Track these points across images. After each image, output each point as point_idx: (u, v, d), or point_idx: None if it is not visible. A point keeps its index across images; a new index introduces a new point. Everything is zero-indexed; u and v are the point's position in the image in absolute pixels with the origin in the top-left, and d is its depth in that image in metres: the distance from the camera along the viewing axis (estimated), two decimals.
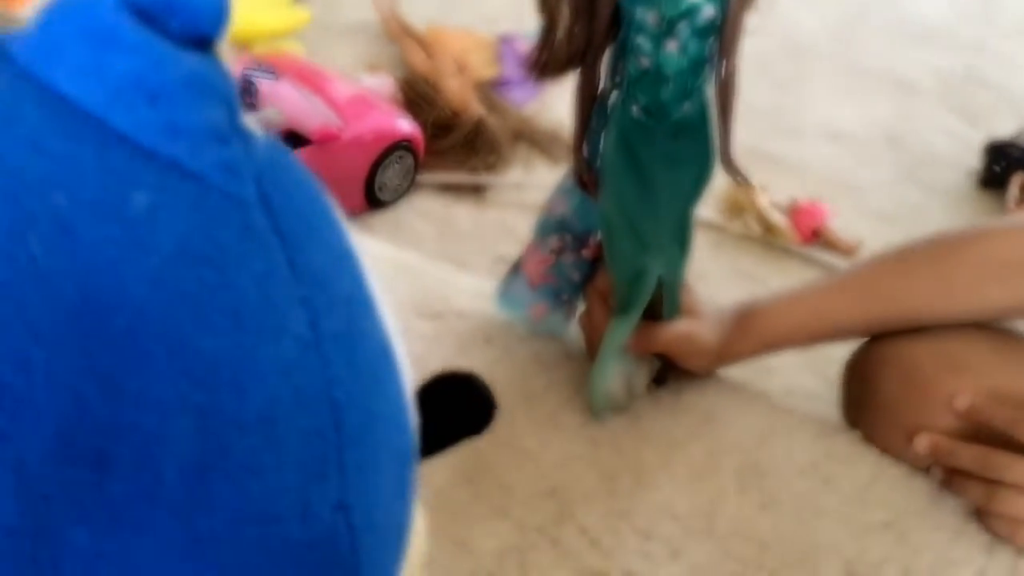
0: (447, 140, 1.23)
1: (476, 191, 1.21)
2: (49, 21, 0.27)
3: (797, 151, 1.32)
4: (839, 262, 1.15)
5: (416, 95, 1.28)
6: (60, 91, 0.26)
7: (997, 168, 1.29)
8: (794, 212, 1.19)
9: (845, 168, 1.31)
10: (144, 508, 0.25)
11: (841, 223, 1.19)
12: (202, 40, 0.27)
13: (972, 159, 1.32)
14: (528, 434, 0.67)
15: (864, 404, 0.73)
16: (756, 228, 1.18)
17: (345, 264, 0.32)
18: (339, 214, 0.33)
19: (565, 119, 1.31)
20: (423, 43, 1.36)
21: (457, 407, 0.45)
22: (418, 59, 1.34)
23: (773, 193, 1.20)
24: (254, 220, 0.28)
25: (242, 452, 0.27)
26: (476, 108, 1.26)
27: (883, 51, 1.54)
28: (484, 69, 1.36)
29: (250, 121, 0.29)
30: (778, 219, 1.18)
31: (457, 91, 1.28)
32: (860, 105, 1.42)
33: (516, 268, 0.74)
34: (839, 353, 0.80)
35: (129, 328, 0.25)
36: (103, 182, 0.25)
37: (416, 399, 0.41)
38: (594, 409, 0.69)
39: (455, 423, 0.45)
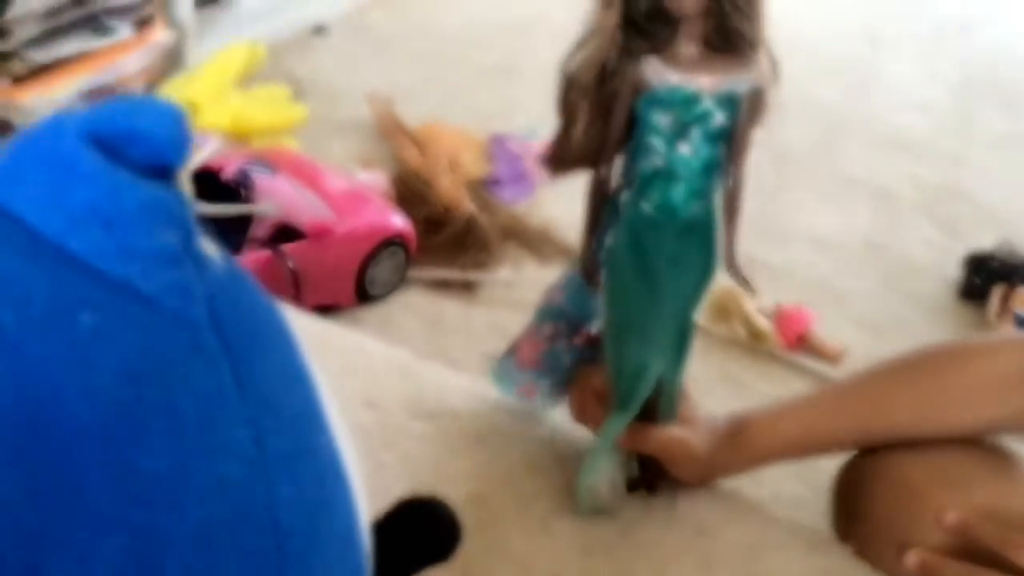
0: (438, 236, 1.25)
1: (466, 288, 1.22)
2: (14, 150, 0.28)
3: (781, 257, 1.34)
4: (824, 368, 1.16)
5: (409, 191, 1.30)
6: (20, 216, 0.27)
7: (977, 280, 1.32)
8: (779, 318, 1.20)
9: (828, 275, 1.33)
10: None
11: (825, 329, 1.21)
12: (163, 168, 0.28)
13: (952, 269, 1.35)
14: (519, 540, 0.66)
15: (855, 518, 0.73)
16: (742, 332, 1.20)
17: (296, 383, 0.32)
18: (293, 334, 0.33)
19: (555, 218, 1.33)
20: (416, 141, 1.38)
21: (421, 534, 0.45)
22: (411, 156, 1.36)
23: (758, 298, 1.21)
24: (203, 340, 0.28)
25: (177, 570, 0.26)
26: (467, 205, 1.28)
27: (865, 161, 1.58)
28: (475, 167, 1.38)
29: (206, 245, 0.30)
30: (764, 324, 1.19)
31: (449, 188, 1.30)
32: (842, 213, 1.45)
33: (512, 349, 0.75)
34: (826, 462, 0.80)
35: (66, 445, 0.25)
36: (52, 302, 0.26)
37: (381, 525, 0.41)
38: (580, 507, 0.69)
39: (419, 550, 0.45)
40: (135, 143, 0.28)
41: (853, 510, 0.74)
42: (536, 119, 1.51)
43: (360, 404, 0.75)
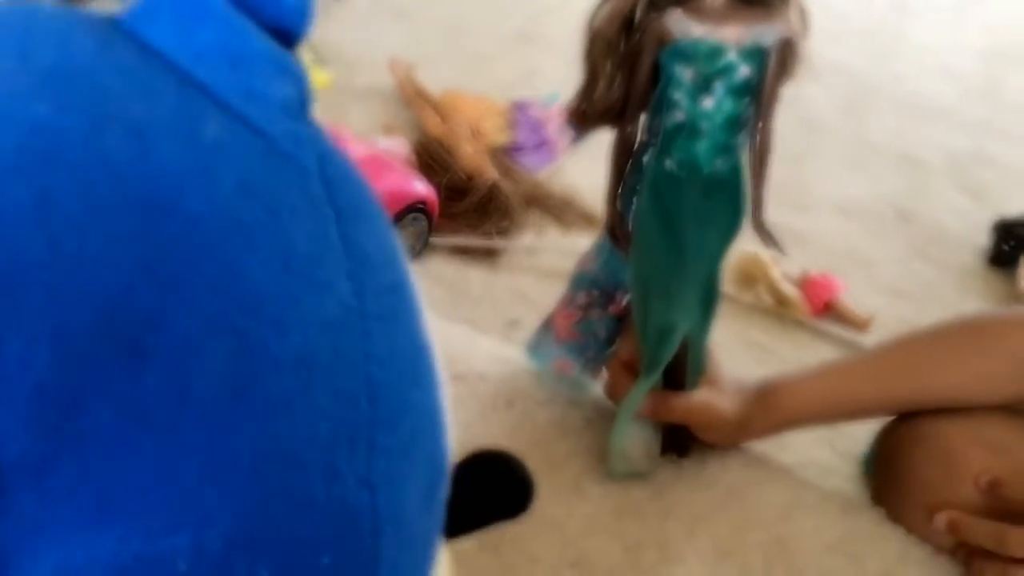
0: (461, 204, 1.24)
1: (489, 255, 1.21)
2: None
3: (808, 224, 1.33)
4: (851, 335, 1.15)
5: (430, 158, 1.28)
6: (153, 45, 0.28)
7: (1006, 247, 1.30)
8: (806, 284, 1.19)
9: (855, 242, 1.31)
10: (171, 411, 0.25)
11: (851, 296, 1.19)
12: (287, 35, 0.30)
13: (981, 237, 1.33)
14: (552, 501, 0.66)
15: (892, 481, 0.73)
16: (768, 299, 1.18)
17: (392, 259, 0.33)
18: (391, 224, 0.35)
19: (577, 184, 1.32)
20: (438, 108, 1.37)
21: (494, 488, 0.45)
22: (433, 123, 1.35)
23: (784, 265, 1.20)
24: (313, 188, 0.29)
25: (274, 388, 0.27)
26: (490, 172, 1.27)
27: (892, 128, 1.56)
28: (498, 134, 1.36)
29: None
30: (790, 291, 1.17)
31: (471, 155, 1.29)
32: (870, 180, 1.43)
33: (547, 323, 0.74)
34: (854, 428, 0.79)
35: (184, 234, 0.26)
36: (179, 110, 0.27)
37: (452, 475, 0.40)
38: (612, 471, 0.68)
39: (491, 504, 0.45)
40: (267, 3, 0.30)
41: (890, 474, 0.73)
42: (558, 86, 1.50)
43: None
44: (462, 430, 0.74)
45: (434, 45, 1.59)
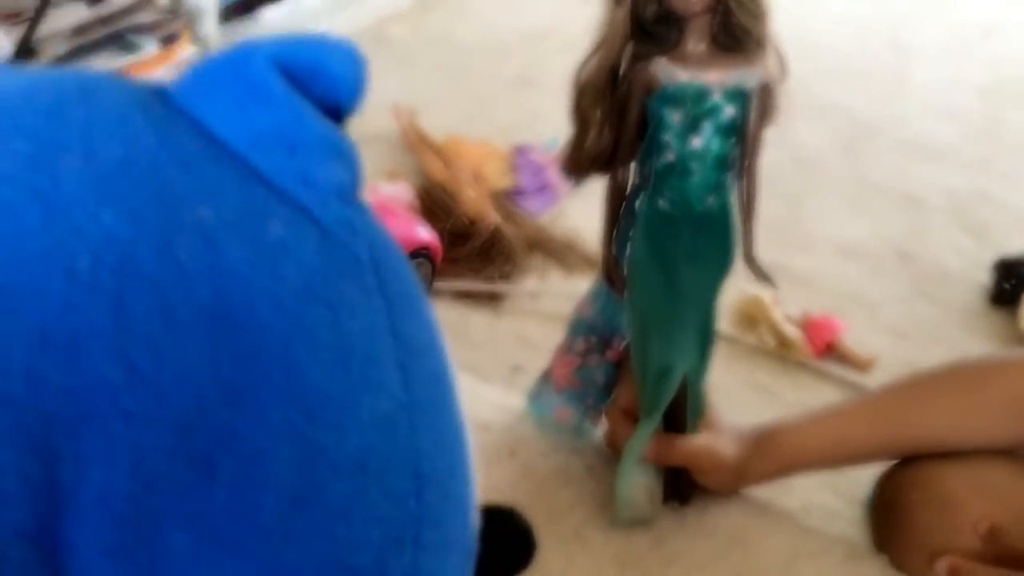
0: (464, 248, 1.25)
1: (492, 299, 1.22)
2: (205, 69, 0.29)
3: (808, 265, 1.33)
4: (853, 376, 1.15)
5: (434, 203, 1.30)
6: (209, 127, 0.28)
7: (1007, 285, 1.30)
8: (807, 325, 1.19)
9: (856, 283, 1.32)
10: (241, 527, 0.25)
11: (854, 337, 1.19)
12: (337, 109, 0.30)
13: (982, 276, 1.33)
14: (553, 551, 0.66)
15: (892, 527, 0.73)
16: (770, 341, 1.19)
17: (435, 344, 0.33)
18: (430, 308, 0.35)
19: (580, 228, 1.33)
20: (441, 153, 1.39)
21: (496, 543, 0.45)
22: (436, 168, 1.37)
23: (785, 306, 1.20)
24: (366, 278, 0.29)
25: (335, 493, 0.27)
26: (492, 217, 1.28)
27: (892, 167, 1.57)
28: (500, 179, 1.38)
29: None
30: (792, 332, 1.18)
31: (474, 200, 1.30)
32: (870, 220, 1.44)
33: (548, 372, 0.75)
34: (858, 472, 0.79)
35: (253, 344, 0.25)
36: (244, 207, 0.27)
37: None
38: (617, 518, 0.68)
39: (493, 559, 0.45)
40: (319, 79, 0.29)
41: (890, 520, 0.73)
42: (558, 129, 1.52)
43: None
44: None
45: (436, 90, 1.61)
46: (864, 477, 0.80)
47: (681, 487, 0.71)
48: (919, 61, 1.93)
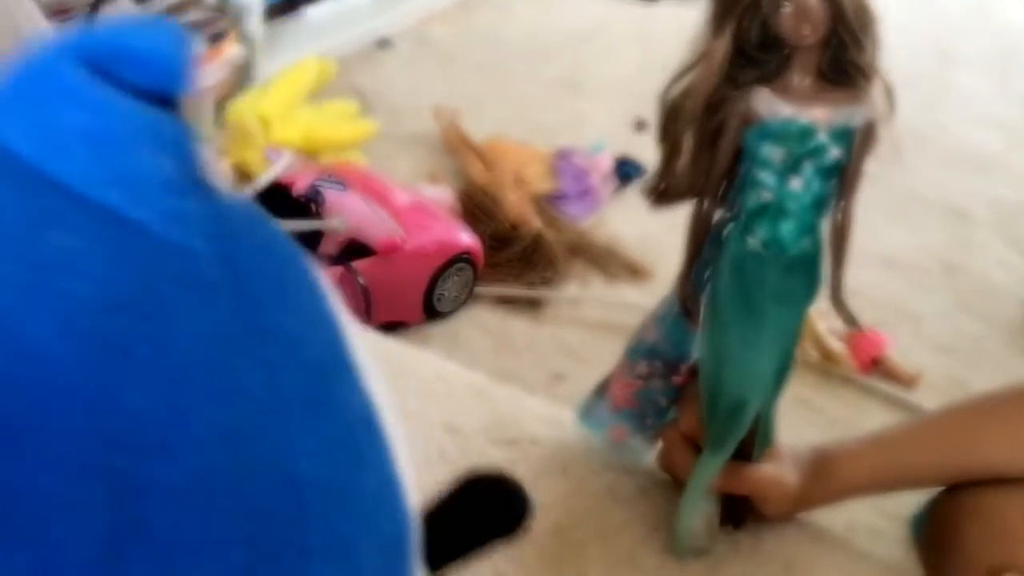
0: (505, 253, 1.24)
1: (532, 305, 1.22)
2: (5, 83, 0.27)
3: (852, 277, 1.31)
4: (899, 393, 1.14)
5: (475, 207, 1.29)
6: (4, 145, 0.25)
7: None
8: (852, 340, 1.18)
9: (901, 296, 1.30)
10: None
11: (898, 352, 1.18)
12: (164, 94, 0.27)
13: None
14: (604, 574, 0.65)
15: (946, 554, 0.71)
16: (814, 355, 1.17)
17: (321, 330, 0.30)
18: (326, 284, 0.31)
19: (621, 234, 1.32)
20: (482, 155, 1.38)
21: (487, 509, 0.42)
22: (477, 171, 1.36)
23: (830, 319, 1.19)
24: (203, 272, 0.26)
25: (167, 526, 0.23)
26: (534, 221, 1.27)
27: (937, 179, 1.55)
28: (541, 183, 1.37)
29: (215, 178, 0.28)
30: (836, 346, 1.17)
31: (516, 204, 1.29)
32: (915, 232, 1.42)
33: (602, 388, 0.74)
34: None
35: (32, 377, 0.23)
36: (17, 223, 0.24)
37: (444, 502, 0.38)
38: (678, 548, 0.67)
39: (484, 525, 0.42)
40: (131, 64, 0.26)
41: (944, 546, 0.72)
42: (601, 133, 1.51)
43: (441, 429, 0.74)
44: None
45: (478, 91, 1.60)
46: (906, 496, 0.79)
47: (736, 513, 0.70)
48: (965, 69, 1.91)
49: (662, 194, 0.61)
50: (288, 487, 0.26)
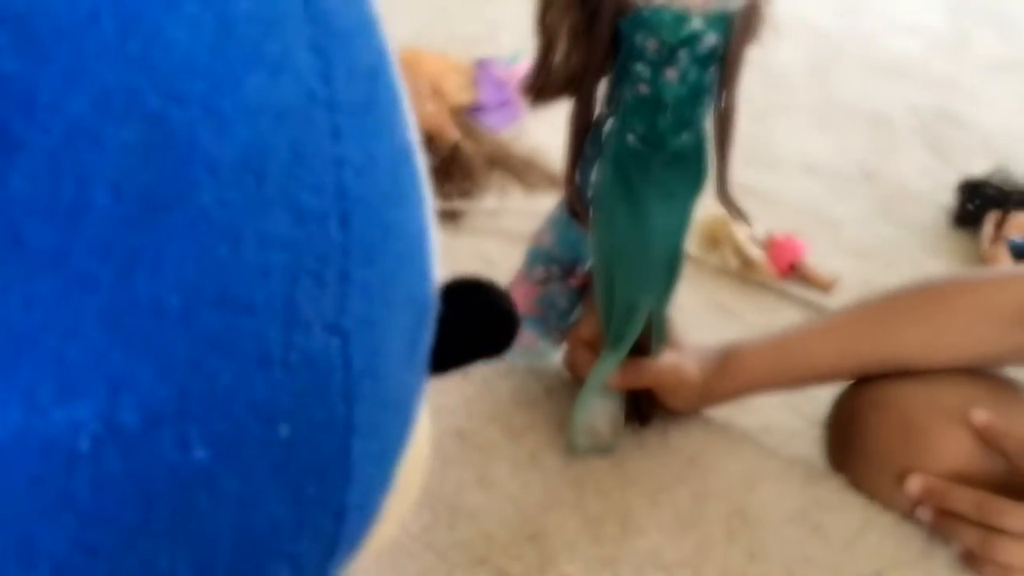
0: None
1: (451, 217, 1.19)
2: None
3: (773, 183, 1.31)
4: (815, 297, 1.14)
5: None
6: None
7: (971, 206, 1.30)
8: (771, 246, 1.18)
9: (820, 201, 1.31)
10: (52, 230, 0.18)
11: (816, 257, 1.18)
12: None
13: (946, 196, 1.33)
14: (509, 476, 0.65)
15: (851, 448, 0.72)
16: (733, 261, 1.17)
17: (372, 35, 0.26)
18: None
19: (541, 145, 1.30)
20: (398, 66, 1.34)
21: (474, 319, 0.37)
22: None
23: (750, 226, 1.18)
24: None
25: (208, 202, 0.20)
26: (452, 133, 1.24)
27: (858, 85, 1.55)
28: (460, 94, 1.34)
29: None
30: (755, 253, 1.16)
31: (433, 115, 1.26)
32: (835, 139, 1.42)
33: None
34: (819, 392, 0.78)
35: None
36: None
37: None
38: (575, 447, 0.66)
39: (470, 338, 0.37)
40: None
41: (849, 441, 0.72)
42: (521, 43, 1.47)
43: None
44: None
45: (393, 0, 1.55)
46: (824, 397, 0.79)
47: (642, 408, 0.69)
48: None
49: (540, 90, 0.58)
50: (333, 197, 0.23)
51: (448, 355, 0.35)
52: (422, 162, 0.28)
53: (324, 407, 0.23)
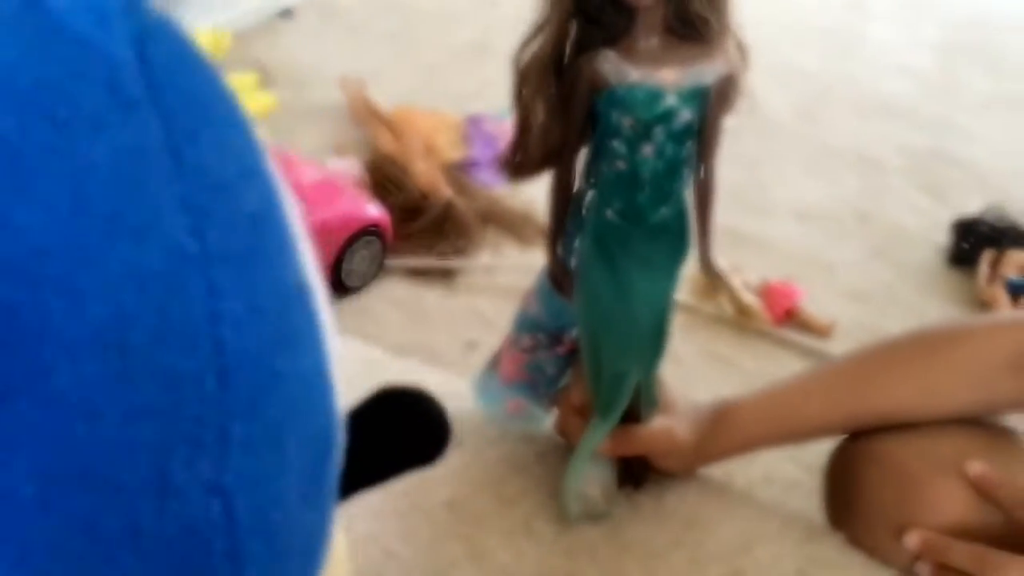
0: (416, 224, 1.22)
1: (445, 275, 1.20)
2: None
3: (767, 229, 1.32)
4: (813, 343, 1.14)
5: (384, 178, 1.26)
6: None
7: (965, 245, 1.30)
8: (766, 293, 1.18)
9: (815, 246, 1.31)
10: None
11: (812, 302, 1.18)
12: None
13: (940, 236, 1.33)
14: (501, 546, 0.64)
15: (848, 503, 0.71)
16: (729, 309, 1.17)
17: (254, 181, 0.26)
18: (252, 131, 0.27)
19: (535, 201, 1.30)
20: (390, 124, 1.35)
21: (403, 430, 0.37)
22: (385, 141, 1.33)
23: (744, 272, 1.18)
24: (125, 85, 0.22)
25: (63, 382, 0.20)
26: (445, 190, 1.25)
27: (849, 128, 1.55)
28: (452, 150, 1.35)
29: None
30: (751, 300, 1.16)
31: (425, 173, 1.27)
32: (828, 183, 1.43)
33: (493, 364, 0.72)
34: (819, 442, 0.78)
35: None
36: None
37: (354, 416, 0.35)
38: (568, 514, 0.66)
39: (401, 449, 0.37)
40: None
41: (846, 497, 0.72)
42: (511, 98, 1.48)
43: None
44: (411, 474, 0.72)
45: (385, 59, 1.57)
46: (826, 447, 0.79)
47: (635, 472, 0.69)
48: (877, 20, 1.92)
49: (519, 166, 0.57)
50: (209, 355, 0.22)
51: (380, 466, 0.35)
52: (319, 297, 0.28)
53: (208, 571, 0.23)
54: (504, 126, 1.38)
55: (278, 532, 0.25)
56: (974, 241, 1.29)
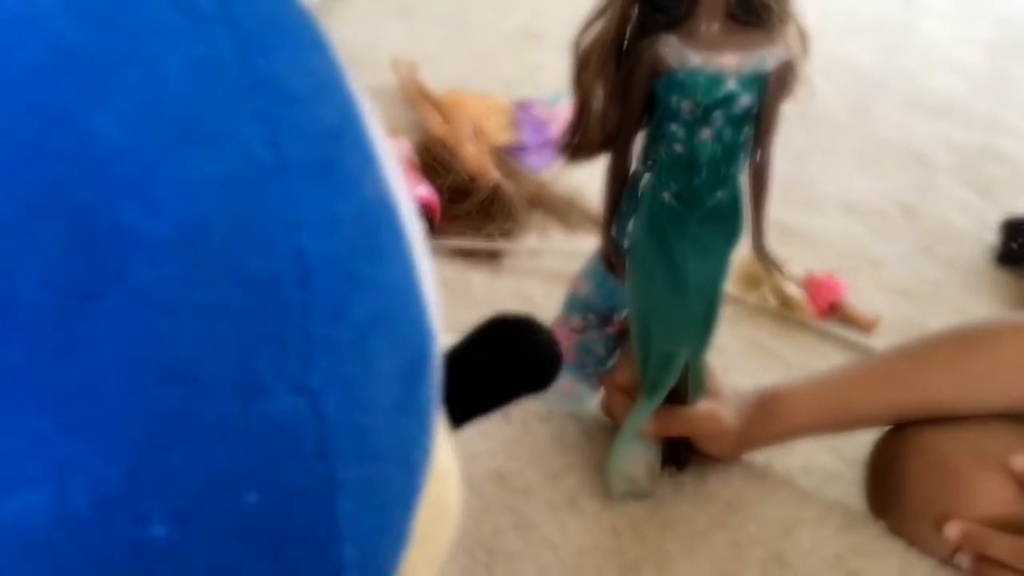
0: (463, 205, 1.23)
1: (491, 257, 1.21)
2: None
3: (813, 222, 1.31)
4: (857, 337, 1.14)
5: (433, 159, 1.28)
6: None
7: (1014, 245, 1.29)
8: (811, 285, 1.18)
9: (861, 241, 1.30)
10: None
11: (857, 296, 1.18)
12: None
13: (988, 234, 1.32)
14: (547, 519, 0.65)
15: (890, 493, 0.72)
16: (772, 301, 1.17)
17: (331, 96, 0.26)
18: (332, 54, 0.28)
19: (582, 186, 1.31)
20: (441, 107, 1.36)
21: (515, 356, 0.38)
22: (435, 123, 1.34)
23: (789, 265, 1.18)
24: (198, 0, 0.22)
25: (143, 279, 0.20)
26: (493, 173, 1.26)
27: (899, 124, 1.54)
28: (500, 134, 1.36)
29: None
30: (795, 292, 1.16)
31: (474, 156, 1.28)
32: (876, 177, 1.42)
33: None
34: (860, 434, 0.78)
35: None
36: None
37: (466, 346, 0.34)
38: (612, 492, 0.67)
39: (514, 374, 0.38)
40: None
41: (888, 486, 0.72)
42: (561, 84, 1.49)
43: None
44: (456, 446, 0.74)
45: (437, 43, 1.58)
46: (865, 439, 0.79)
47: (679, 454, 0.70)
48: (929, 15, 1.90)
49: (576, 148, 0.59)
50: (290, 261, 0.23)
51: (491, 393, 0.35)
52: (407, 213, 0.28)
53: (298, 468, 0.23)
54: (553, 111, 1.39)
55: (368, 434, 0.25)
56: (1022, 241, 1.28)
